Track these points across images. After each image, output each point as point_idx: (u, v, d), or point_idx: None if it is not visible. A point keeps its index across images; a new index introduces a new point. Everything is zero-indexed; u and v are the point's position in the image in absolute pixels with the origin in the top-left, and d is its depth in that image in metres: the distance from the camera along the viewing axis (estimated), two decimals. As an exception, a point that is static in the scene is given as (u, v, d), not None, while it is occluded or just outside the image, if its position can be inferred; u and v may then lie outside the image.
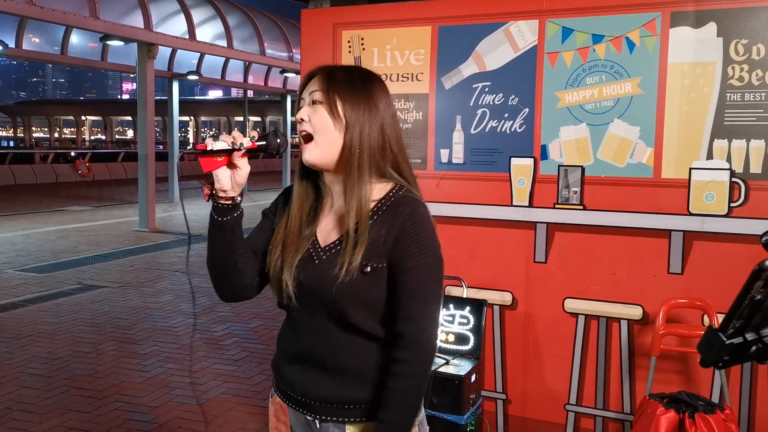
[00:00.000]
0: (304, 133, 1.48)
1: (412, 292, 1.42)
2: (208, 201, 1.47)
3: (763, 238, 1.07)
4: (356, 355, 1.48)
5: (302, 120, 1.48)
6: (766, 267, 0.90)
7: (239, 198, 1.47)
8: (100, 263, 8.91)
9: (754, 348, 0.97)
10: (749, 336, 0.98)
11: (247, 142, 1.42)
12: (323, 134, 1.46)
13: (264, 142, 1.45)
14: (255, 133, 1.45)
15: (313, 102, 1.47)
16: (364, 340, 1.48)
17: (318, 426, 1.53)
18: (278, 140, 1.45)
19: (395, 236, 1.42)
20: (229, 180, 1.43)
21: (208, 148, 1.39)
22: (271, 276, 1.53)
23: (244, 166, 1.44)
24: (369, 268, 1.42)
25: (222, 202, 1.45)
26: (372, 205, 1.47)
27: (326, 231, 1.52)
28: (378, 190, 1.49)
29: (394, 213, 1.44)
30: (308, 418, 1.54)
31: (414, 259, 1.42)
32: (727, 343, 0.98)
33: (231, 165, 1.43)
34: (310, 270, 1.48)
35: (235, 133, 1.43)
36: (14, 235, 11.33)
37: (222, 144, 1.40)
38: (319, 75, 1.51)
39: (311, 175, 1.56)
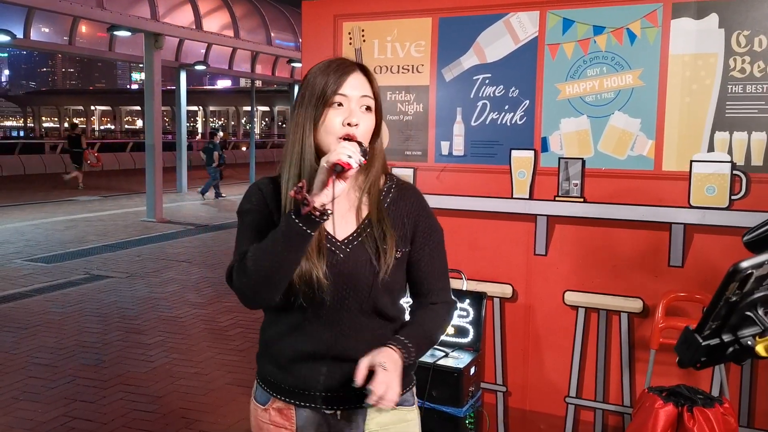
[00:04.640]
0: (348, 136, 1.47)
1: (439, 269, 1.61)
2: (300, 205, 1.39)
3: (745, 238, 1.06)
4: (379, 339, 1.51)
5: (357, 125, 1.49)
6: (739, 269, 0.89)
7: (330, 212, 1.40)
8: (107, 253, 8.97)
9: (731, 349, 0.97)
10: (726, 337, 0.97)
11: (362, 160, 1.41)
12: (364, 140, 1.51)
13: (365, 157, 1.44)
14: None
15: (367, 108, 1.52)
16: (386, 323, 1.56)
17: (338, 417, 1.55)
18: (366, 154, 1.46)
19: (414, 221, 1.58)
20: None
21: (354, 166, 1.37)
22: (296, 275, 1.47)
23: (345, 182, 1.40)
24: (399, 254, 1.53)
25: (317, 215, 1.38)
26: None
27: (336, 225, 1.53)
28: None
29: (403, 200, 1.59)
30: (326, 412, 1.55)
31: (433, 238, 1.60)
32: (703, 344, 0.97)
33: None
34: (340, 263, 1.50)
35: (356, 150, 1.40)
36: (23, 225, 11.41)
37: (353, 161, 1.38)
38: (368, 79, 1.54)
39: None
